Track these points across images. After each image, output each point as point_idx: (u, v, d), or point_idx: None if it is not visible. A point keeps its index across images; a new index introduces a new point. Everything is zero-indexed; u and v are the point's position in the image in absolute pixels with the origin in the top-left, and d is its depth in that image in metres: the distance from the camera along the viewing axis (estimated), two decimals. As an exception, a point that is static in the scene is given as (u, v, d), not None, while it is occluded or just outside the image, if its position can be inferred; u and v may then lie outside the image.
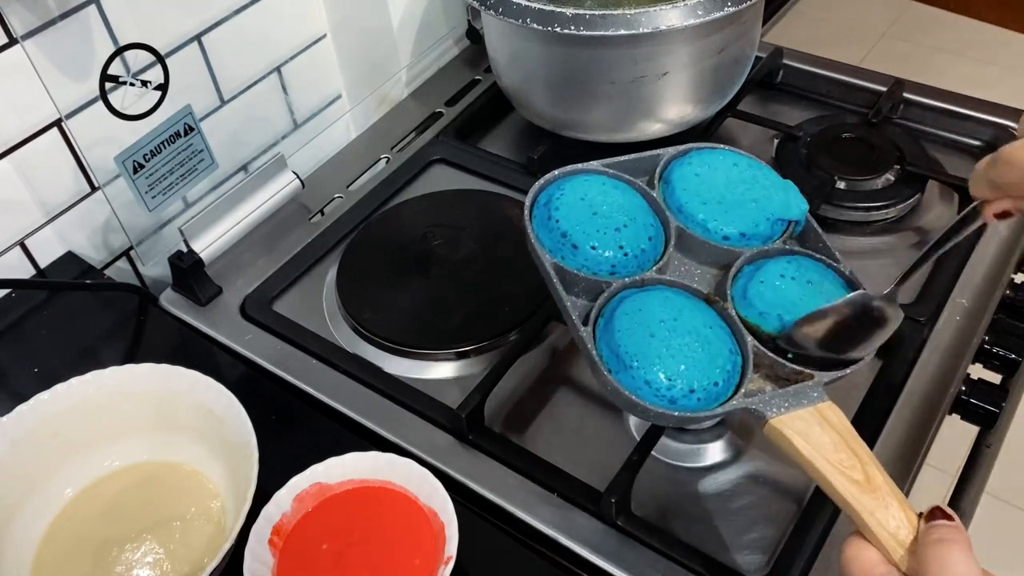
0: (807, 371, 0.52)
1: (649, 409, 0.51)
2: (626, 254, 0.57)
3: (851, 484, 0.46)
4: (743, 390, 0.51)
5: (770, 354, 0.53)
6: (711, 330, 0.53)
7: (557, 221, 0.58)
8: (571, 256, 0.57)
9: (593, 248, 0.57)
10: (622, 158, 0.63)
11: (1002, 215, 0.50)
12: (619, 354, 0.52)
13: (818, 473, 0.47)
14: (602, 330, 0.54)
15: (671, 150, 0.63)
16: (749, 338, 0.54)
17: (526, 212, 0.60)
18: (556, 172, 0.61)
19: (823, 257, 0.59)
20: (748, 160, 0.63)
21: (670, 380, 0.51)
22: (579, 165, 0.62)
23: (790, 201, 0.60)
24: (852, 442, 0.48)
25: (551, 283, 0.56)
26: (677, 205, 0.60)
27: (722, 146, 0.64)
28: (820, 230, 0.60)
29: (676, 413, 0.50)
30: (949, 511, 0.43)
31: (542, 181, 0.61)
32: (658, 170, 0.62)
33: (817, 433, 0.48)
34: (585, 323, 0.55)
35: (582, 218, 0.57)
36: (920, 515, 0.44)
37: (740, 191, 0.60)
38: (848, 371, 0.53)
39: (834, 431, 0.49)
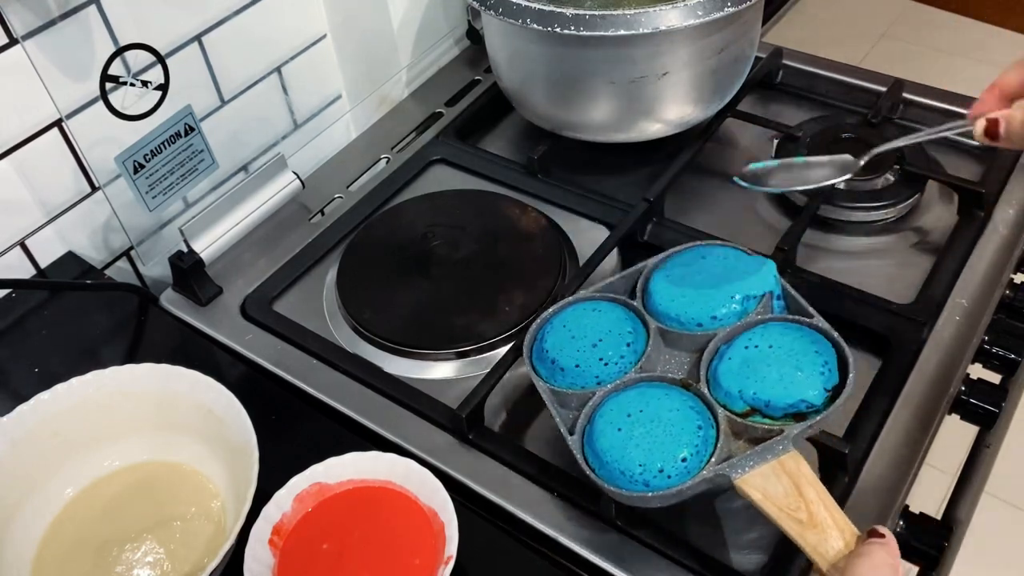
0: (776, 427, 0.57)
1: (628, 495, 0.56)
2: (606, 364, 0.62)
3: (796, 524, 0.52)
4: (713, 459, 0.56)
5: (740, 420, 0.58)
6: (676, 412, 0.58)
7: (546, 351, 0.64)
8: (561, 377, 0.63)
9: (576, 366, 0.63)
10: (611, 279, 0.69)
11: (991, 127, 0.54)
12: (596, 452, 0.58)
13: (771, 519, 0.53)
14: (587, 435, 0.59)
15: (652, 261, 0.69)
16: (720, 411, 0.58)
17: (525, 351, 0.65)
18: (549, 310, 0.67)
19: (796, 317, 0.63)
20: (719, 249, 0.69)
21: (641, 466, 0.56)
22: (569, 298, 0.68)
23: (761, 276, 0.65)
24: (803, 486, 0.54)
25: (549, 404, 0.61)
26: (654, 308, 0.66)
27: (697, 243, 0.69)
28: (792, 291, 0.65)
29: (650, 494, 0.55)
30: (883, 531, 0.49)
31: (538, 320, 0.67)
32: (639, 282, 0.68)
33: (773, 484, 0.55)
34: (573, 432, 0.60)
35: (564, 342, 0.64)
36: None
37: (710, 278, 0.66)
38: (815, 422, 0.57)
39: (789, 479, 0.55)
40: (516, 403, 0.70)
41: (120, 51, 0.73)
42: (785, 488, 0.54)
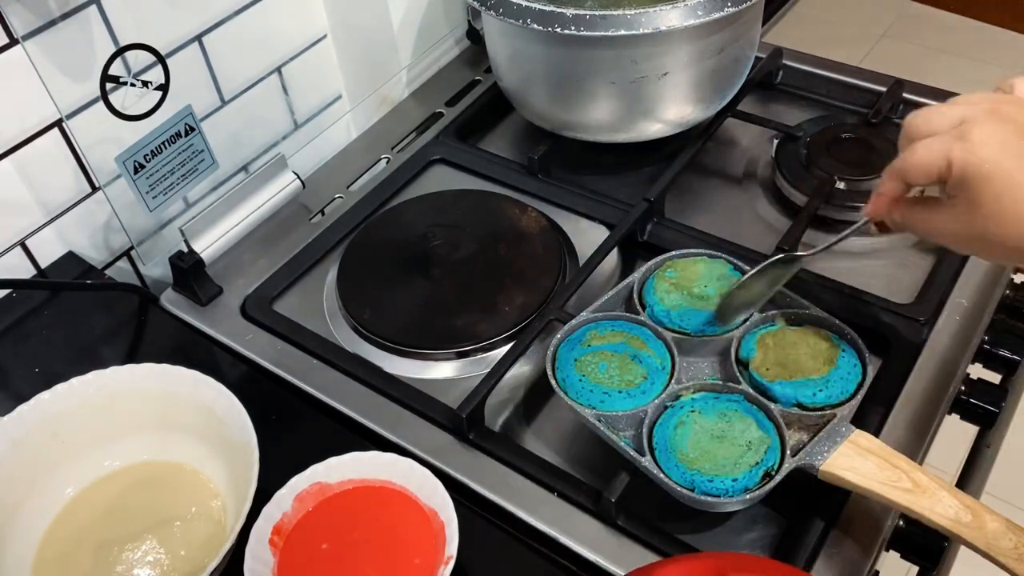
0: (828, 411, 0.60)
1: (724, 501, 0.57)
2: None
3: (905, 494, 0.54)
4: (788, 451, 0.59)
5: (795, 411, 0.61)
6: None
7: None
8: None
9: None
10: (603, 299, 0.69)
11: (880, 228, 0.59)
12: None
13: (876, 495, 0.55)
14: (661, 450, 0.60)
15: (637, 274, 0.71)
16: (772, 406, 0.61)
17: (554, 383, 0.64)
18: (558, 335, 0.67)
19: (796, 311, 0.67)
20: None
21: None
22: (572, 321, 0.68)
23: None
24: (891, 458, 0.56)
25: (604, 432, 0.61)
26: (660, 320, 0.68)
27: (679, 252, 0.72)
28: (788, 292, 0.68)
29: (747, 496, 0.57)
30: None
31: (551, 351, 0.66)
32: (635, 296, 0.70)
33: (860, 463, 0.56)
34: (641, 452, 0.60)
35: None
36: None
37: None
38: (860, 396, 0.61)
39: (873, 455, 0.57)
40: (516, 403, 0.70)
41: (120, 51, 0.73)
42: (876, 463, 0.56)
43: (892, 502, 0.54)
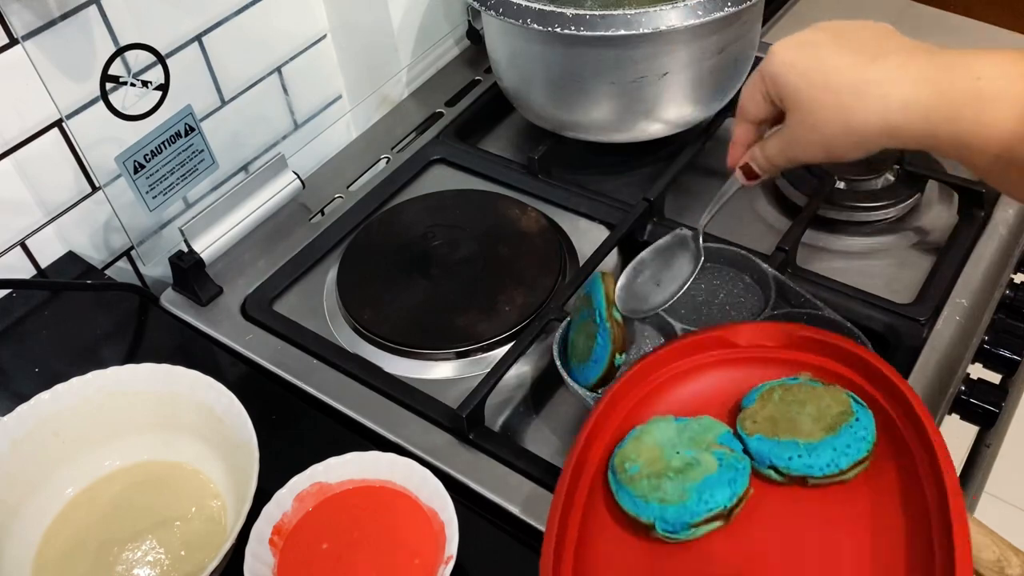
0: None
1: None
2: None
3: None
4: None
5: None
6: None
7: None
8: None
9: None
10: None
11: (747, 172, 0.60)
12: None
13: None
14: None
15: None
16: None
17: (562, 371, 0.65)
18: (560, 330, 0.68)
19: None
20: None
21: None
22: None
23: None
24: None
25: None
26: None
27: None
28: (793, 285, 0.68)
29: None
30: None
31: (555, 349, 0.67)
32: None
33: None
34: None
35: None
36: None
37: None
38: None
39: None
40: (516, 403, 0.70)
41: (120, 51, 0.73)
42: None
43: None
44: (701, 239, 0.67)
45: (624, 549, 0.55)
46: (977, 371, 0.72)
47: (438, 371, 0.72)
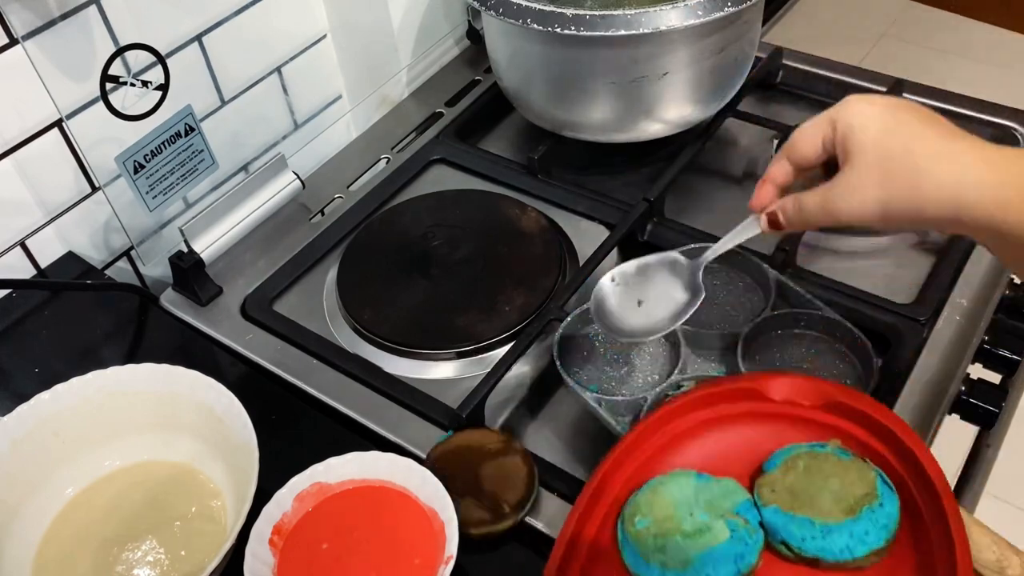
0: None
1: None
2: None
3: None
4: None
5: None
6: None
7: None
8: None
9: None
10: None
11: (771, 219, 0.56)
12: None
13: None
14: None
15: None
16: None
17: (561, 370, 0.65)
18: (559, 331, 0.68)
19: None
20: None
21: None
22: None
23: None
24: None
25: (598, 413, 0.63)
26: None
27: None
28: (794, 285, 0.68)
29: None
30: None
31: (555, 349, 0.66)
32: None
33: None
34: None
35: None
36: None
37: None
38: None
39: None
40: (516, 403, 0.70)
41: (120, 51, 0.73)
42: None
43: None
44: (701, 273, 0.61)
45: None
46: (977, 371, 0.72)
47: (438, 371, 0.72)
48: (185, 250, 0.78)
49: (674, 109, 0.83)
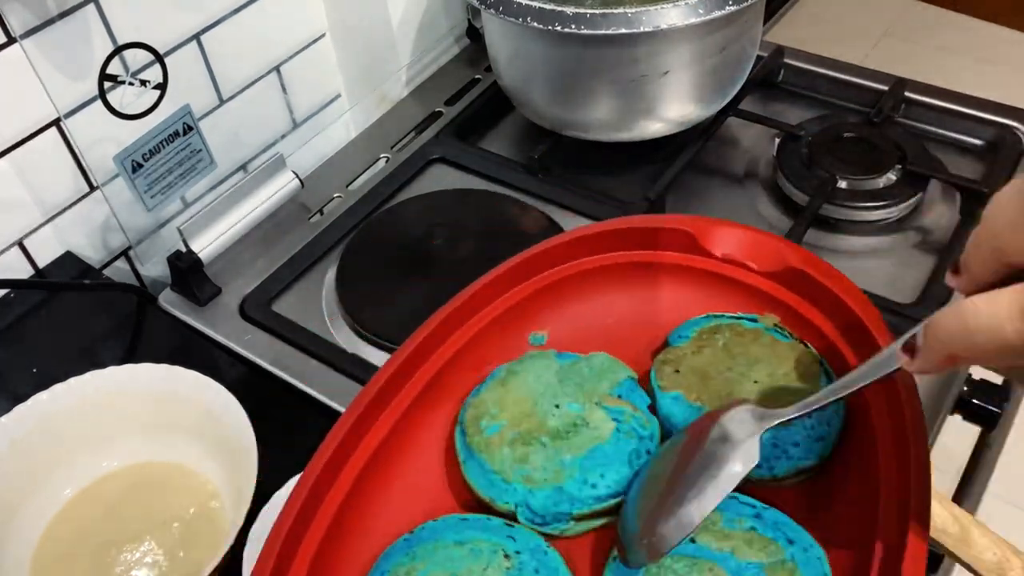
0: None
1: None
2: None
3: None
4: None
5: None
6: None
7: None
8: None
9: None
10: None
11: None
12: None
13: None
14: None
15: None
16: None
17: None
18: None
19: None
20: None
21: None
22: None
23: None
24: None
25: None
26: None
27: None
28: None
29: None
30: None
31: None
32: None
33: None
34: None
35: None
36: None
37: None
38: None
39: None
40: (516, 403, 0.70)
41: (118, 50, 0.73)
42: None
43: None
44: (760, 440, 0.38)
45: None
46: (979, 371, 0.71)
47: (438, 371, 0.72)
48: (183, 250, 0.77)
49: (675, 108, 0.83)
